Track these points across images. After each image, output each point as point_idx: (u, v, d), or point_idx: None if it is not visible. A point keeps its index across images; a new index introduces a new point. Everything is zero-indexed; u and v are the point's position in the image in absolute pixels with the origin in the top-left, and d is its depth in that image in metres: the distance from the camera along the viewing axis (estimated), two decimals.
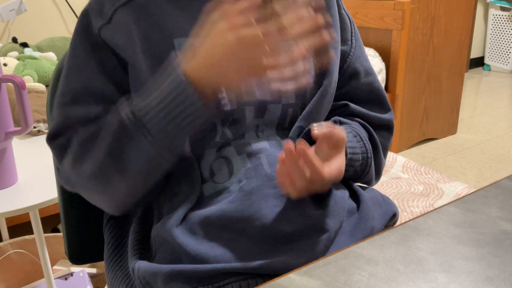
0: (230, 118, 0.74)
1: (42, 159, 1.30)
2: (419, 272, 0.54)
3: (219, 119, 0.73)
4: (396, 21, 2.55)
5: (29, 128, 1.12)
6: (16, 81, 1.06)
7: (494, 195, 0.70)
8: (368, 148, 0.80)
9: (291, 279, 0.54)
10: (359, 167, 0.79)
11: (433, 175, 1.91)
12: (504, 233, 0.61)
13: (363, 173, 0.80)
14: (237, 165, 0.74)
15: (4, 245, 1.66)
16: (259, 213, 0.69)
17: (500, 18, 4.58)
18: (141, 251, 0.75)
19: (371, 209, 0.79)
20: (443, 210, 0.66)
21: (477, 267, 0.55)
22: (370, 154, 0.80)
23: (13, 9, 2.22)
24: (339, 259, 0.57)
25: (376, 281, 0.53)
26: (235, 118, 0.74)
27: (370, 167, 0.80)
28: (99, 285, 1.68)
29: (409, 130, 2.88)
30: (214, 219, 0.70)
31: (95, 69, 0.74)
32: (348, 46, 0.85)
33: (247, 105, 0.74)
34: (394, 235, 0.61)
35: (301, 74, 0.62)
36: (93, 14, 0.75)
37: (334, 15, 0.83)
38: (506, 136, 3.11)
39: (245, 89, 0.64)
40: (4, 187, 1.13)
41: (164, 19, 0.74)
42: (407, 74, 2.72)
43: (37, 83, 1.93)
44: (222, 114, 0.73)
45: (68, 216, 0.92)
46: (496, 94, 4.00)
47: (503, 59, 4.65)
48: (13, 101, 1.52)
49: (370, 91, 0.87)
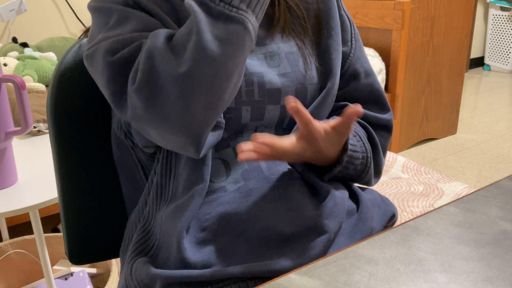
0: (226, 116, 0.74)
1: (42, 159, 1.30)
2: (419, 272, 0.54)
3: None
4: (396, 21, 2.55)
5: (29, 128, 1.12)
6: (16, 81, 1.06)
7: (494, 195, 0.70)
8: (367, 148, 0.80)
9: (291, 279, 0.54)
10: (359, 165, 0.79)
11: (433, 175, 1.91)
12: (504, 233, 0.61)
13: (362, 172, 0.80)
14: (235, 166, 0.74)
15: (4, 245, 1.66)
16: (258, 215, 0.69)
17: (500, 18, 4.58)
18: (140, 253, 0.75)
19: (370, 210, 0.79)
20: (443, 210, 0.66)
21: (477, 267, 0.55)
22: (369, 154, 0.80)
23: (13, 9, 2.22)
24: (339, 259, 0.57)
25: (376, 281, 0.53)
26: (231, 117, 0.74)
27: (369, 167, 0.80)
28: (99, 285, 1.68)
29: (409, 130, 2.88)
30: (213, 221, 0.70)
31: (144, 16, 0.68)
32: (348, 47, 0.85)
33: (244, 104, 0.74)
34: (394, 235, 0.61)
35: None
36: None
37: (334, 16, 0.83)
38: (506, 136, 3.11)
39: None
40: (4, 187, 1.13)
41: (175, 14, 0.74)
42: (407, 74, 2.72)
43: (37, 83, 1.93)
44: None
45: (68, 216, 0.92)
46: (496, 94, 4.00)
47: (503, 59, 4.65)
48: (13, 101, 1.53)
49: (370, 92, 0.87)
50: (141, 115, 0.61)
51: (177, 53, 0.59)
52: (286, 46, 0.78)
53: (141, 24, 0.67)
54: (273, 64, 0.76)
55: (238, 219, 0.69)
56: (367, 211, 0.78)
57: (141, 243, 0.76)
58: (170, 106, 0.59)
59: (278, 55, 0.77)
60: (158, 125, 0.61)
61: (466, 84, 4.32)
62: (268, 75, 0.75)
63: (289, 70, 0.77)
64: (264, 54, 0.77)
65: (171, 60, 0.59)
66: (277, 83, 0.75)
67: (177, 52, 0.59)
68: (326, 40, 0.81)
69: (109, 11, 0.69)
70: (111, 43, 0.65)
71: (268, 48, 0.77)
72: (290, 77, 0.77)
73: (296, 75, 0.77)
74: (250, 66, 0.74)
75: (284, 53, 0.78)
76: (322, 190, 0.75)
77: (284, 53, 0.78)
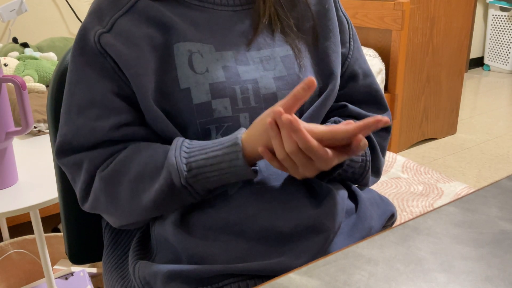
0: (224, 125, 0.74)
1: (42, 159, 1.30)
2: (419, 272, 0.54)
3: (213, 125, 0.73)
4: (395, 21, 2.55)
5: (29, 128, 1.12)
6: (16, 81, 1.06)
7: (494, 195, 0.70)
8: (367, 152, 0.80)
9: (291, 278, 0.54)
10: (358, 169, 0.79)
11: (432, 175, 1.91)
12: (504, 233, 0.61)
13: (360, 176, 0.80)
14: None
15: (5, 245, 1.66)
16: (257, 215, 0.70)
17: (499, 18, 4.58)
18: (142, 251, 0.75)
19: (369, 210, 0.79)
20: (443, 210, 0.66)
21: (476, 267, 0.55)
22: (368, 158, 0.80)
23: (13, 9, 2.22)
24: (339, 258, 0.57)
25: (376, 281, 0.53)
26: (229, 125, 0.74)
27: (368, 171, 0.80)
28: (100, 284, 1.68)
29: (408, 130, 2.88)
30: (212, 221, 0.70)
31: (96, 77, 0.73)
32: (346, 48, 0.85)
33: (241, 111, 0.74)
34: (394, 235, 0.61)
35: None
36: (91, 26, 0.74)
37: (333, 17, 0.83)
38: (505, 136, 3.11)
39: None
40: (4, 187, 1.13)
41: (164, 23, 0.74)
42: (406, 74, 2.73)
43: (38, 83, 1.93)
44: (217, 121, 0.73)
45: (69, 216, 0.92)
46: (496, 94, 4.00)
47: (503, 59, 4.65)
48: (13, 101, 1.53)
49: (369, 93, 0.87)
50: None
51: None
52: (281, 50, 0.78)
53: (88, 97, 0.74)
54: (269, 67, 0.76)
55: (238, 218, 0.69)
56: (365, 210, 0.78)
57: (142, 243, 0.77)
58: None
59: (273, 59, 0.77)
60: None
61: (465, 84, 4.32)
62: (263, 80, 0.75)
63: (285, 74, 0.77)
64: (260, 58, 0.77)
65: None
66: (272, 88, 0.75)
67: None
68: (324, 42, 0.81)
69: (69, 73, 0.76)
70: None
71: (263, 53, 0.77)
72: (285, 81, 0.76)
73: (292, 78, 0.77)
74: (244, 74, 0.74)
75: (280, 57, 0.77)
76: (321, 189, 0.75)
77: (279, 56, 0.77)
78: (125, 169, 0.71)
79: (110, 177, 0.71)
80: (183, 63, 0.73)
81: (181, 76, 0.72)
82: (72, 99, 0.74)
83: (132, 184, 0.70)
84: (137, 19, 0.74)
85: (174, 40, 0.73)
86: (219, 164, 0.67)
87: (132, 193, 0.70)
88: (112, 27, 0.73)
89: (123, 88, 0.73)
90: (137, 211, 0.71)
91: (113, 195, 0.72)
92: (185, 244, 0.69)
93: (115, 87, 0.73)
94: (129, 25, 0.73)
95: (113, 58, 0.72)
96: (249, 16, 0.79)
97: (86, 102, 0.73)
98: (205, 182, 0.68)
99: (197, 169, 0.67)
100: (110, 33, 0.73)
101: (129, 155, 0.71)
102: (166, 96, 0.72)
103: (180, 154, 0.68)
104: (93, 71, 0.73)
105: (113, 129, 0.72)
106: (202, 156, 0.67)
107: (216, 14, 0.77)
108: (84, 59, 0.74)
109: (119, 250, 0.82)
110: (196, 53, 0.73)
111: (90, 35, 0.73)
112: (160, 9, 0.74)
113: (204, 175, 0.67)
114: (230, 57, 0.75)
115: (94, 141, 0.73)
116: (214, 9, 0.77)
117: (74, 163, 0.74)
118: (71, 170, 0.75)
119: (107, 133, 0.72)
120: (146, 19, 0.74)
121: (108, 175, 0.72)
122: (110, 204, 0.72)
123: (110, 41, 0.72)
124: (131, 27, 0.73)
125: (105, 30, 0.73)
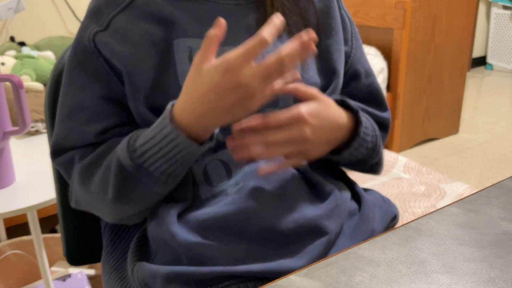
0: None
1: (40, 159, 1.29)
2: (421, 273, 0.54)
3: None
4: (397, 20, 2.54)
5: (27, 128, 1.11)
6: (14, 80, 1.06)
7: (496, 195, 0.70)
8: (375, 127, 0.80)
9: (292, 280, 0.53)
10: (370, 144, 0.78)
11: (434, 175, 1.90)
12: (507, 233, 0.61)
13: (373, 152, 0.79)
14: (235, 168, 0.73)
15: (2, 246, 1.66)
16: (257, 216, 0.69)
17: (502, 16, 4.57)
18: (141, 252, 0.75)
19: (372, 211, 0.78)
20: (445, 210, 0.66)
21: (479, 268, 0.54)
22: (378, 133, 0.80)
23: (11, 8, 2.21)
24: (340, 260, 0.56)
25: (377, 283, 0.52)
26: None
27: (380, 146, 0.81)
28: (98, 286, 1.68)
29: (410, 130, 2.87)
30: (212, 222, 0.69)
31: (88, 80, 0.74)
32: (348, 47, 0.85)
33: None
34: (396, 236, 0.61)
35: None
36: (88, 25, 0.74)
37: (335, 16, 0.83)
38: (508, 136, 3.10)
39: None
40: (2, 187, 1.13)
41: (164, 18, 0.73)
42: (408, 74, 2.72)
43: (35, 82, 1.92)
44: None
45: (66, 217, 0.92)
46: (498, 94, 3.99)
47: (506, 58, 4.64)
48: (11, 101, 1.52)
49: (370, 92, 0.87)
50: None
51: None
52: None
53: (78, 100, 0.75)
54: None
55: (237, 219, 0.69)
56: (368, 212, 0.77)
57: (141, 244, 0.76)
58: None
59: None
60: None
61: (468, 83, 4.31)
62: None
63: None
64: (262, 55, 0.76)
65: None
66: None
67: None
68: (327, 40, 0.81)
69: (64, 74, 0.76)
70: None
71: (266, 49, 0.76)
72: None
73: None
74: None
75: None
76: (324, 190, 0.75)
77: None
78: (98, 161, 0.72)
79: (84, 169, 0.73)
80: (183, 60, 0.72)
81: (180, 73, 0.72)
82: (65, 101, 0.76)
83: (100, 174, 0.71)
84: (135, 16, 0.73)
85: (174, 35, 0.73)
86: (154, 138, 0.65)
87: (101, 183, 0.71)
88: (108, 25, 0.73)
89: (114, 90, 0.73)
90: (106, 201, 0.71)
91: (86, 187, 0.73)
92: (184, 245, 0.68)
93: (106, 91, 0.73)
94: (126, 22, 0.73)
95: (106, 58, 0.72)
96: (253, 10, 0.78)
97: (76, 105, 0.74)
98: (155, 162, 0.66)
99: (140, 147, 0.66)
100: (106, 32, 0.73)
101: (106, 149, 0.72)
102: (165, 92, 0.72)
103: (130, 137, 0.68)
104: (85, 73, 0.74)
105: (102, 133, 0.74)
106: (143, 135, 0.67)
107: (218, 8, 0.76)
108: (77, 60, 0.74)
109: (118, 251, 0.82)
110: (196, 49, 0.72)
111: (85, 34, 0.73)
112: (160, 3, 0.74)
113: (148, 153, 0.66)
114: None
115: (83, 143, 0.74)
116: (216, 2, 0.76)
117: (67, 161, 0.75)
118: (65, 169, 0.76)
119: (95, 137, 0.74)
120: (145, 15, 0.73)
121: (83, 167, 0.73)
122: (85, 195, 0.74)
123: (104, 40, 0.72)
124: (128, 25, 0.73)
125: (101, 29, 0.73)
